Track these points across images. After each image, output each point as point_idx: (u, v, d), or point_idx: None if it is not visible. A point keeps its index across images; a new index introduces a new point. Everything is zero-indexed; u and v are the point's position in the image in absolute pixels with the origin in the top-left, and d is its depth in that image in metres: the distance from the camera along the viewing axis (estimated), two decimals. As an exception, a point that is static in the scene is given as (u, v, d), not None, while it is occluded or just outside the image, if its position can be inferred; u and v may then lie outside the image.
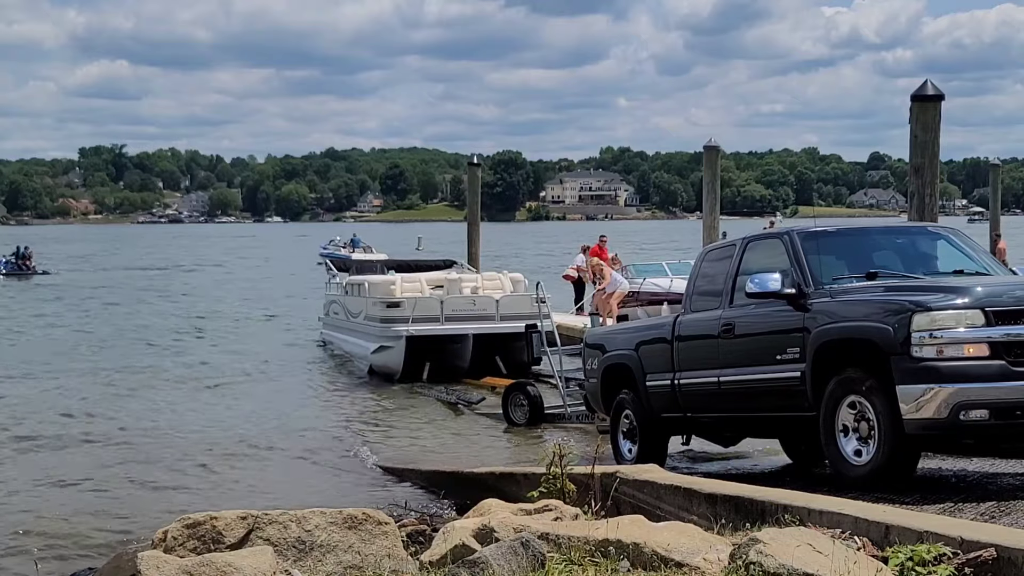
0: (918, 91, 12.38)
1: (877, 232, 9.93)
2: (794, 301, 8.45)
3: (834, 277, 8.56)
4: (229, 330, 30.75)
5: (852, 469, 7.81)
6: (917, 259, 9.07)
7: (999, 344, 7.27)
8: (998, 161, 37.78)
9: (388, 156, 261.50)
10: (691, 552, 5.67)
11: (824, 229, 9.35)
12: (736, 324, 9.15)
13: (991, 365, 7.24)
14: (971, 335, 7.27)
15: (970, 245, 9.35)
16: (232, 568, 5.44)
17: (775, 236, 9.36)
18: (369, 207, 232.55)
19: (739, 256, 9.50)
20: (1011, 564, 5.19)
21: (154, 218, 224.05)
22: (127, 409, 17.59)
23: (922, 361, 7.30)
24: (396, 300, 20.87)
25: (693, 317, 9.88)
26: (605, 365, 11.11)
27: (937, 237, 9.48)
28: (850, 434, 7.89)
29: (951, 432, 7.50)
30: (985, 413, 7.24)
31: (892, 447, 7.54)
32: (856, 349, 7.83)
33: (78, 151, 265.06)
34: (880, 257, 8.97)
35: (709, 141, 21.13)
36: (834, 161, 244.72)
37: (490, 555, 5.45)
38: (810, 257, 8.70)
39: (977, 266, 8.96)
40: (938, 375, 7.25)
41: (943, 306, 7.38)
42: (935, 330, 7.30)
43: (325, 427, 16.20)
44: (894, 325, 7.45)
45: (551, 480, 7.84)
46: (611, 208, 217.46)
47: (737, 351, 9.14)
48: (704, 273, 10.04)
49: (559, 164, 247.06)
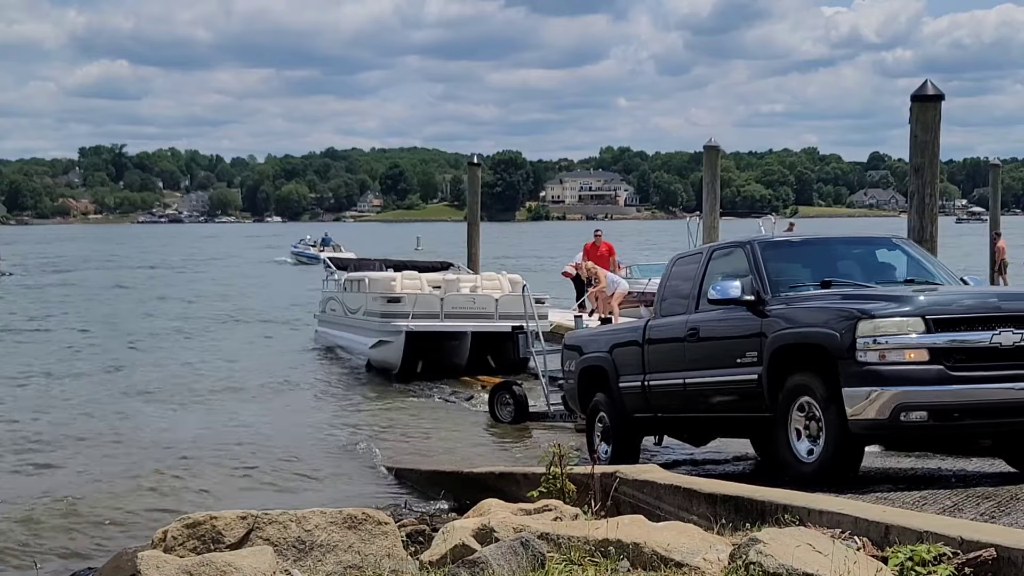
0: (918, 91, 12.36)
1: (836, 242, 10.35)
2: (753, 307, 8.92)
3: (791, 285, 9.06)
4: (214, 331, 30.70)
5: (802, 466, 8.23)
6: (873, 269, 9.60)
7: (938, 350, 7.71)
8: (998, 161, 37.65)
9: (388, 156, 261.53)
10: (691, 552, 5.67)
11: (784, 239, 10.23)
12: (701, 328, 9.64)
13: (930, 370, 7.67)
14: (912, 341, 7.71)
15: (924, 256, 9.93)
16: (232, 568, 5.45)
17: (738, 245, 9.79)
18: (369, 207, 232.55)
19: (705, 264, 10.02)
20: (1011, 564, 5.19)
21: (154, 218, 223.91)
22: (126, 409, 17.58)
23: (866, 365, 7.74)
24: (397, 295, 20.98)
25: (662, 321, 10.38)
26: (582, 367, 11.55)
27: (893, 248, 10.00)
28: (801, 433, 8.32)
29: (892, 432, 8.01)
30: (924, 414, 7.68)
31: (838, 445, 7.99)
32: (807, 353, 8.26)
33: (78, 151, 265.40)
34: (837, 266, 9.46)
35: (709, 141, 21.08)
36: (834, 161, 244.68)
37: (490, 555, 5.45)
38: (769, 266, 9.22)
39: (929, 276, 9.43)
40: (880, 378, 7.69)
41: (886, 314, 7.81)
42: (878, 336, 7.73)
43: (324, 427, 16.19)
44: (841, 331, 7.89)
45: (551, 480, 7.85)
46: (611, 208, 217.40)
47: (701, 354, 9.63)
48: (673, 279, 10.56)
49: (559, 164, 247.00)
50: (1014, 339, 7.74)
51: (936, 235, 12.48)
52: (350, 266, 26.80)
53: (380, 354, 21.02)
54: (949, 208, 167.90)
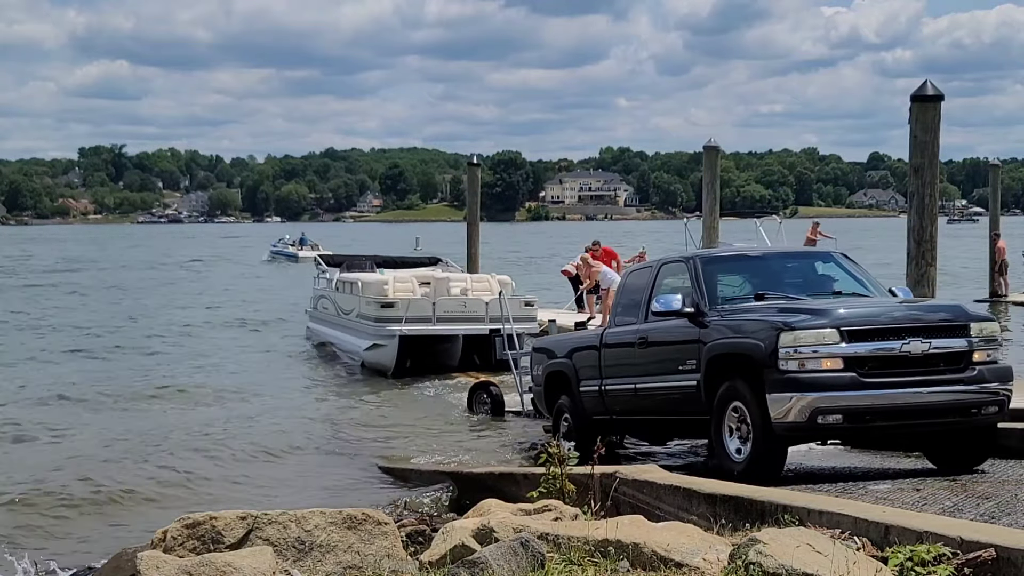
0: (918, 91, 12.36)
1: (772, 257, 11.12)
2: (693, 319, 9.67)
3: (728, 298, 9.85)
4: (206, 331, 30.64)
5: (733, 465, 8.88)
6: (808, 281, 10.28)
7: (852, 359, 8.41)
8: (998, 161, 37.57)
9: (388, 156, 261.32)
10: (691, 552, 5.67)
11: (724, 254, 11.14)
12: (649, 337, 10.41)
13: (844, 377, 8.37)
14: (827, 351, 8.41)
15: (856, 269, 10.54)
16: (232, 568, 5.45)
17: (682, 260, 10.63)
18: (369, 207, 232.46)
19: (654, 276, 10.81)
20: (1011, 564, 5.20)
21: (154, 218, 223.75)
22: (125, 410, 17.58)
23: (787, 373, 8.43)
24: (390, 301, 21.48)
25: (616, 330, 11.22)
26: (547, 371, 12.42)
27: (828, 260, 10.76)
28: (733, 434, 9.00)
29: (811, 433, 8.79)
30: (839, 417, 8.40)
31: (764, 446, 8.67)
32: (738, 362, 8.96)
33: (78, 151, 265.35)
34: (774, 280, 10.17)
35: (709, 141, 21.07)
36: (834, 161, 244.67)
37: (490, 555, 5.45)
38: (709, 280, 9.99)
39: (859, 288, 10.10)
40: (799, 385, 8.39)
41: (805, 326, 8.50)
42: (798, 347, 8.43)
43: (323, 427, 16.20)
44: (765, 342, 8.60)
45: (551, 480, 7.85)
46: (611, 208, 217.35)
47: (649, 361, 10.42)
48: (627, 290, 11.40)
49: (559, 164, 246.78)
50: (922, 348, 8.45)
51: (936, 235, 12.49)
52: (342, 264, 27.20)
53: (374, 356, 21.60)
54: (949, 208, 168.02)
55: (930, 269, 12.38)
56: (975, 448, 8.98)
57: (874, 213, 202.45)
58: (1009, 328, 26.35)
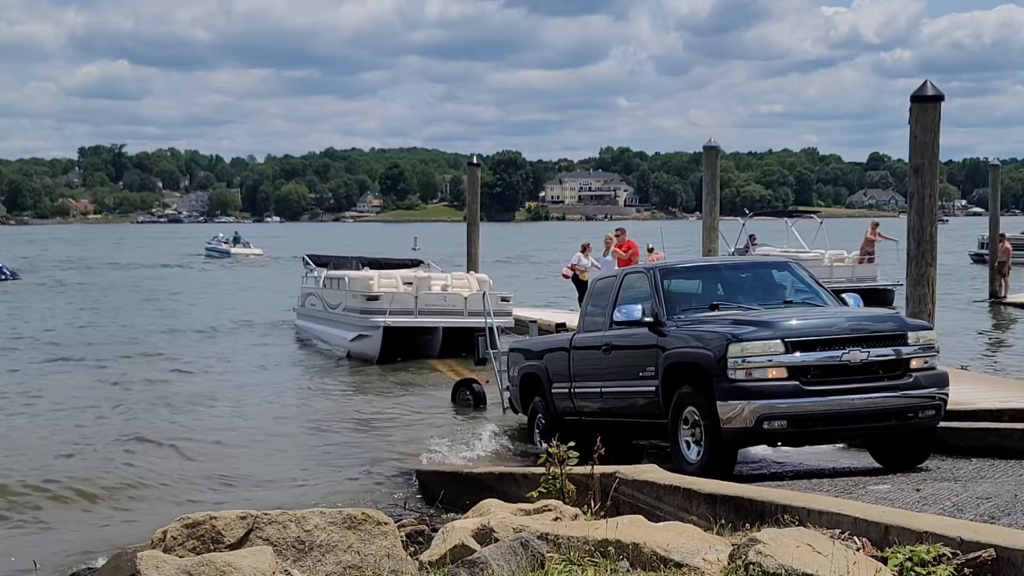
0: (918, 92, 12.37)
1: (727, 268, 11.60)
2: (653, 328, 10.20)
3: (684, 308, 10.37)
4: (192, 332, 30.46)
5: (688, 465, 9.35)
6: (763, 291, 10.81)
7: (795, 368, 8.96)
8: (998, 161, 37.58)
9: (388, 156, 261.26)
10: (690, 552, 5.67)
11: (682, 265, 11.77)
12: (613, 343, 10.98)
13: (787, 385, 8.93)
14: (772, 361, 8.96)
15: (809, 278, 11.11)
16: (231, 568, 5.45)
17: (643, 271, 11.17)
18: (369, 207, 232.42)
19: (618, 286, 11.31)
20: (1011, 564, 5.19)
21: (153, 218, 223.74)
22: (124, 410, 17.57)
23: (735, 382, 8.97)
24: (375, 294, 22.93)
25: (584, 336, 11.78)
26: (522, 372, 13.05)
27: (782, 269, 11.38)
28: (687, 437, 9.56)
29: (758, 437, 9.31)
30: (784, 423, 8.96)
31: (715, 449, 9.25)
32: (691, 370, 9.51)
33: (78, 151, 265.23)
34: (729, 290, 10.74)
35: (709, 141, 21.07)
36: (834, 161, 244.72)
37: (489, 555, 5.45)
38: (668, 290, 10.54)
39: (810, 297, 10.66)
40: (746, 393, 8.93)
41: (751, 337, 9.05)
42: (745, 357, 8.97)
43: (322, 427, 16.18)
44: (715, 352, 9.16)
45: (550, 480, 7.85)
46: (610, 208, 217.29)
47: (613, 366, 10.98)
48: (594, 297, 11.94)
49: (559, 164, 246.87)
50: (861, 357, 8.97)
51: (936, 235, 12.49)
52: (330, 264, 28.63)
53: (360, 347, 22.96)
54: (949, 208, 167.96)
55: (930, 269, 12.41)
56: (916, 448, 9.50)
57: (874, 213, 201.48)
58: (1010, 330, 26.33)
